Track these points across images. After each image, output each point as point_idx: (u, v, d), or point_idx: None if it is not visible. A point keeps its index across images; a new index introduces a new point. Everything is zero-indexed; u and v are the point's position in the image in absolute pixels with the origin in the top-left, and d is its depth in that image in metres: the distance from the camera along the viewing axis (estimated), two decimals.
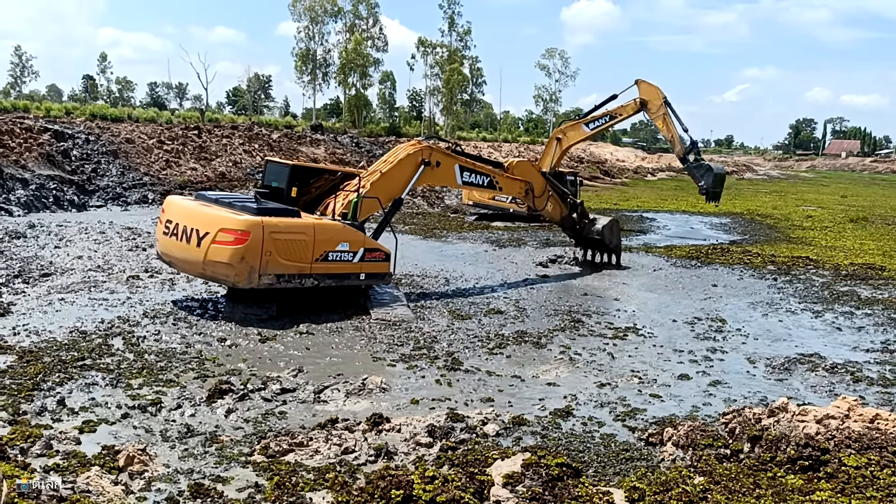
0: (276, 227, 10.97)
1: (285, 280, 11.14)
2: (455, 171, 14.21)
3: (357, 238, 11.82)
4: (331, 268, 11.54)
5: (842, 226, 29.57)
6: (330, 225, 11.72)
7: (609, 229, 17.88)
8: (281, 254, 10.99)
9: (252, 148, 36.26)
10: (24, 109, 44.32)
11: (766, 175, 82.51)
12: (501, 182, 15.28)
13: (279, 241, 10.96)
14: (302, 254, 11.18)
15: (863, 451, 6.11)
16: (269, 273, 10.97)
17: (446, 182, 14.79)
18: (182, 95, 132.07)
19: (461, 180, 14.39)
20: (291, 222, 11.27)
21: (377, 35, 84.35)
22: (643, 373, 9.63)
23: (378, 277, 12.30)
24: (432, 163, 13.59)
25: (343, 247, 11.61)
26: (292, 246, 11.10)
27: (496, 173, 15.09)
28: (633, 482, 6.07)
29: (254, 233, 10.72)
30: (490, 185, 15.03)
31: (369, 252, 11.92)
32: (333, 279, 11.65)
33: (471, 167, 14.50)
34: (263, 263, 10.84)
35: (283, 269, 11.06)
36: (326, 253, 11.43)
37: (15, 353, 8.76)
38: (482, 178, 14.72)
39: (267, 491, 5.79)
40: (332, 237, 11.53)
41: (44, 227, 17.70)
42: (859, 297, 14.99)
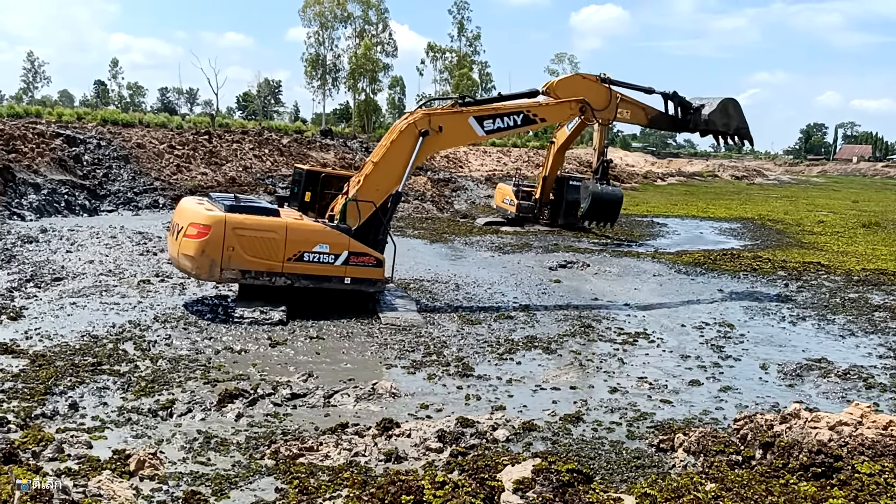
0: (240, 224, 11.23)
1: (251, 276, 11.37)
2: (471, 125, 12.81)
3: (340, 241, 11.69)
4: (307, 268, 11.57)
5: (853, 231, 29.39)
6: (306, 225, 11.80)
7: (722, 111, 15.60)
8: (246, 250, 11.23)
9: (262, 153, 36.39)
10: (37, 115, 44.64)
11: (776, 180, 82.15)
12: (541, 112, 13.46)
13: (244, 238, 11.21)
14: (271, 252, 11.34)
15: (876, 458, 6.05)
16: (233, 268, 11.24)
17: (463, 140, 13.76)
18: (192, 100, 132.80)
19: (483, 130, 12.91)
20: (258, 220, 11.43)
21: (387, 40, 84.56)
22: (653, 378, 9.59)
23: (369, 283, 11.92)
24: (433, 129, 12.42)
25: (321, 248, 11.58)
26: (259, 243, 11.30)
27: (530, 106, 13.29)
28: (644, 488, 6.03)
29: (215, 227, 11.07)
30: (526, 121, 13.25)
31: (355, 256, 11.72)
32: (310, 280, 11.65)
33: (491, 112, 12.98)
34: (225, 258, 11.14)
35: (248, 265, 11.28)
36: (301, 253, 11.49)
37: (27, 357, 8.81)
38: (512, 119, 13.05)
39: (291, 495, 5.80)
40: (308, 238, 11.57)
41: (55, 231, 17.81)
42: (871, 303, 14.89)
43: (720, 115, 15.26)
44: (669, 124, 15.44)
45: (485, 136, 13.22)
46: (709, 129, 15.40)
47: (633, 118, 14.72)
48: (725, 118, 15.38)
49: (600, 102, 13.97)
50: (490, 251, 20.55)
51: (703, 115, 15.23)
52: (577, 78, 14.39)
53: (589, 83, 14.04)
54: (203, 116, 68.86)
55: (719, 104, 15.32)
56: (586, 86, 13.97)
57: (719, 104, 15.32)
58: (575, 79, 14.27)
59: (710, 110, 15.19)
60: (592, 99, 13.83)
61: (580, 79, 14.19)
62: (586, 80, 14.15)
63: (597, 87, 14.05)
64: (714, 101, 15.40)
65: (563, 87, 13.75)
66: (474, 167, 49.77)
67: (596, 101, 13.96)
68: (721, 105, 15.32)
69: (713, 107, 15.24)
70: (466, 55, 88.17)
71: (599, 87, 14.04)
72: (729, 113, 15.40)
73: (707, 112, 15.24)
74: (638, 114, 14.89)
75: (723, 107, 15.35)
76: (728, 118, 15.41)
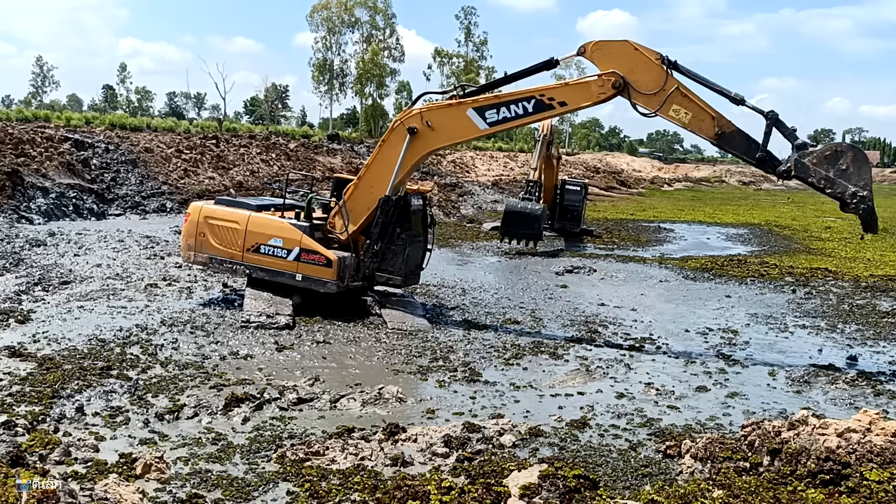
0: (211, 213, 12.25)
1: (217, 263, 12.19)
2: (470, 118, 11.05)
3: (292, 236, 11.71)
4: (262, 261, 11.86)
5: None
6: (264, 219, 12.09)
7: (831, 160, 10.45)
8: (214, 238, 12.09)
9: (269, 157, 36.48)
10: (45, 119, 44.85)
11: (784, 186, 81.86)
12: (560, 94, 10.86)
13: (213, 226, 12.10)
14: (233, 241, 11.97)
15: (885, 465, 6.02)
16: (204, 253, 12.27)
17: (461, 135, 11.60)
18: (200, 105, 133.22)
19: (486, 123, 11.05)
20: (227, 210, 12.23)
21: (394, 45, 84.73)
22: (660, 384, 9.56)
23: (319, 283, 11.60)
24: (421, 126, 11.20)
25: (275, 242, 11.77)
26: (224, 232, 12.04)
27: (544, 89, 10.92)
28: (651, 495, 6.01)
29: (192, 215, 12.43)
30: (540, 107, 10.86)
31: (306, 253, 11.60)
32: (266, 273, 11.91)
33: (493, 101, 11.03)
34: (198, 244, 12.24)
35: (215, 252, 12.12)
36: (258, 245, 11.85)
37: (35, 361, 8.83)
38: (521, 106, 10.86)
39: (302, 498, 5.81)
40: (265, 231, 11.88)
41: (63, 235, 17.87)
42: (880, 310, 14.81)
43: (826, 166, 10.38)
44: (748, 150, 10.70)
45: (488, 130, 11.26)
46: (807, 181, 10.71)
47: (694, 124, 10.57)
48: (835, 172, 10.38)
49: (648, 84, 10.45)
50: (496, 256, 20.54)
51: (803, 159, 10.46)
52: (628, 46, 10.65)
53: (640, 56, 10.55)
54: (211, 121, 69.10)
55: (829, 150, 10.53)
56: (634, 59, 10.54)
57: (829, 150, 10.53)
58: (624, 46, 10.66)
59: (815, 157, 10.41)
60: (639, 77, 10.48)
61: (630, 48, 10.60)
62: (638, 52, 10.57)
63: (649, 64, 10.52)
64: (828, 148, 10.64)
65: (604, 53, 10.59)
66: (481, 172, 49.77)
67: (643, 80, 10.49)
68: (831, 152, 10.47)
69: (821, 153, 10.45)
70: (473, 60, 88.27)
71: (654, 64, 10.49)
72: (843, 167, 10.37)
73: (811, 159, 10.43)
74: (704, 120, 10.61)
75: (833, 155, 10.42)
76: (840, 173, 10.38)
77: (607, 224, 30.74)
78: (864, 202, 10.45)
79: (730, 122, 10.71)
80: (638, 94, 10.61)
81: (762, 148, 10.69)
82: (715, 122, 10.66)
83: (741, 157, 11.25)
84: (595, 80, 10.67)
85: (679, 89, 10.56)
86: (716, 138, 10.72)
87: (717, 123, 10.66)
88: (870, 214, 10.61)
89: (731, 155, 11.63)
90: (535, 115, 11.19)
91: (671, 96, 10.53)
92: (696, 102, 10.65)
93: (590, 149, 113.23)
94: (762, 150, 10.68)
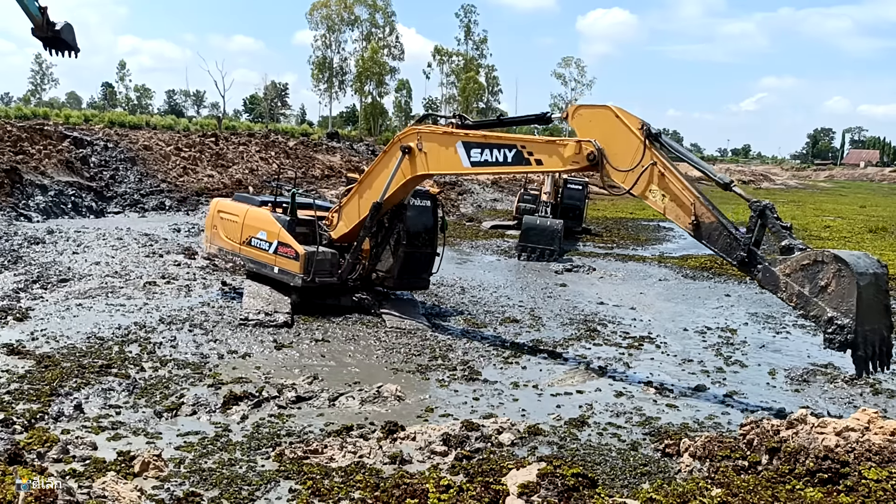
0: (223, 207, 13.09)
1: (224, 254, 13.00)
2: (457, 151, 10.20)
3: (273, 229, 11.96)
4: (253, 253, 12.24)
5: (860, 236, 29.27)
6: (257, 212, 12.43)
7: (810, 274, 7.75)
8: (223, 230, 12.86)
9: (268, 155, 36.46)
10: (44, 116, 44.83)
11: (783, 185, 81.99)
12: (537, 150, 9.64)
13: (224, 220, 12.87)
14: (235, 234, 12.51)
15: (884, 464, 6.01)
16: (215, 245, 13.14)
17: (446, 167, 10.66)
18: (199, 103, 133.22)
19: (469, 161, 10.15)
20: (233, 205, 12.99)
21: (393, 44, 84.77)
22: (659, 383, 9.56)
23: (290, 276, 11.65)
24: (415, 148, 10.61)
25: (262, 235, 12.12)
26: (230, 226, 12.72)
27: (527, 141, 9.84)
28: (649, 493, 6.01)
29: (210, 209, 13.52)
30: (519, 158, 9.77)
31: (282, 246, 11.81)
32: (255, 265, 12.27)
33: (480, 140, 10.07)
34: (212, 235, 13.20)
35: (223, 244, 12.86)
36: (250, 238, 12.27)
37: (33, 359, 8.83)
38: (502, 153, 9.84)
39: (303, 495, 5.80)
40: (255, 224, 12.27)
41: (62, 232, 17.87)
42: None
43: (801, 279, 7.81)
44: (727, 248, 8.48)
45: (470, 169, 10.39)
46: (777, 296, 8.23)
47: (670, 212, 8.75)
48: (812, 289, 7.70)
49: (625, 157, 8.85)
50: (496, 255, 20.54)
51: (773, 267, 8.11)
52: (608, 112, 9.05)
53: (619, 125, 8.91)
54: (210, 119, 69.07)
55: (807, 259, 7.79)
56: (613, 126, 8.96)
57: (807, 259, 7.79)
58: (604, 112, 9.10)
59: (789, 266, 7.94)
60: (616, 148, 8.94)
61: (611, 115, 8.99)
62: (618, 120, 8.92)
63: (628, 135, 8.84)
64: (806, 256, 7.81)
65: (584, 118, 9.26)
66: None
67: (620, 153, 8.90)
68: (810, 262, 7.75)
69: (797, 262, 7.87)
70: (473, 59, 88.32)
71: (633, 136, 8.78)
72: (822, 283, 7.63)
73: (783, 268, 8.00)
74: (681, 207, 8.67)
75: (811, 266, 7.73)
76: (819, 291, 7.64)
77: (607, 223, 30.76)
78: (841, 333, 7.38)
79: (709, 209, 8.48)
80: (614, 169, 8.98)
81: (745, 246, 8.28)
82: (695, 213, 8.50)
83: (721, 255, 8.66)
84: (572, 146, 9.25)
85: (657, 166, 8.68)
86: (692, 229, 8.59)
87: (697, 213, 8.50)
88: (854, 350, 7.38)
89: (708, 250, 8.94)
90: (513, 167, 10.23)
91: (648, 174, 8.73)
92: (676, 184, 8.65)
93: None
94: (744, 249, 8.28)
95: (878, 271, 7.63)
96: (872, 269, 7.60)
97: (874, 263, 7.72)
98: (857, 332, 7.39)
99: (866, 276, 7.44)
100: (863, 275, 7.42)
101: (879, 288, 7.62)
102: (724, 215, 8.50)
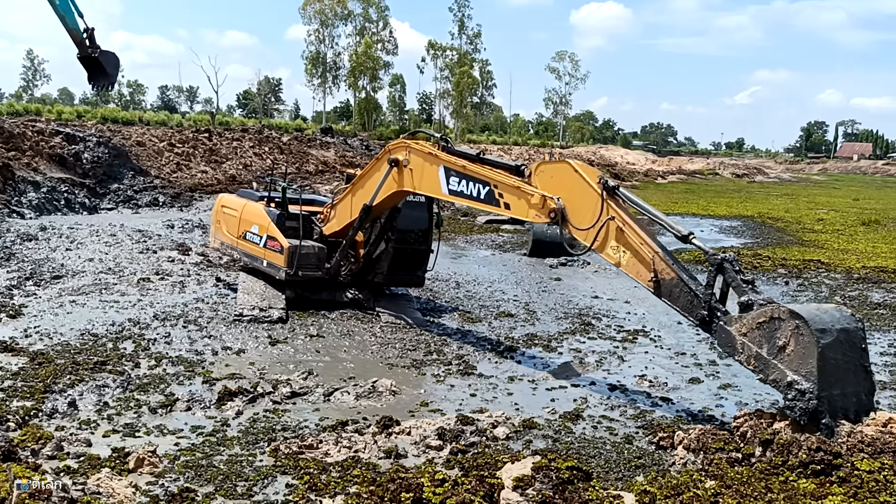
0: (225, 202, 13.42)
1: (225, 248, 13.35)
2: (439, 175, 10.02)
3: (263, 223, 12.11)
4: (247, 247, 12.40)
5: (854, 229, 29.38)
6: (252, 206, 12.61)
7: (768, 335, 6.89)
8: (224, 225, 13.15)
9: (262, 151, 36.40)
10: (36, 113, 44.63)
11: (777, 178, 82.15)
12: (507, 194, 9.27)
13: (226, 215, 13.13)
14: (233, 228, 12.75)
15: (876, 455, 6.05)
16: (219, 240, 13.46)
17: (427, 189, 10.44)
18: (193, 99, 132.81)
19: (447, 189, 9.96)
20: (233, 199, 13.31)
21: (387, 38, 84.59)
22: (653, 376, 9.58)
23: (276, 269, 11.71)
24: (401, 163, 10.52)
25: (254, 229, 12.29)
26: (230, 220, 12.96)
27: (500, 181, 9.33)
28: (643, 486, 6.03)
29: (216, 204, 13.80)
30: (490, 198, 9.45)
31: (270, 240, 11.90)
32: (249, 259, 12.43)
33: (459, 170, 9.74)
34: (215, 230, 13.58)
35: (225, 238, 13.12)
36: (245, 232, 12.47)
37: (27, 356, 8.81)
38: (476, 188, 9.58)
39: (299, 490, 5.82)
40: (249, 218, 12.46)
41: (55, 229, 17.81)
42: (872, 301, 14.88)
43: (759, 339, 6.99)
44: (688, 306, 7.74)
45: (447, 196, 10.14)
46: (734, 358, 7.41)
47: (630, 268, 8.32)
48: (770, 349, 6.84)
49: (584, 216, 8.45)
50: (490, 249, 20.56)
51: (729, 326, 7.42)
52: (567, 168, 8.76)
53: (578, 180, 8.52)
54: (203, 114, 68.88)
55: (763, 317, 7.03)
56: (572, 182, 8.60)
57: (763, 317, 7.03)
58: (563, 168, 8.82)
59: (746, 325, 7.21)
60: (577, 204, 8.54)
61: (569, 170, 8.68)
62: (576, 175, 8.55)
63: (587, 190, 8.43)
64: (762, 314, 7.06)
65: (546, 175, 8.94)
66: None
67: (581, 208, 8.49)
68: (766, 320, 6.97)
69: (753, 320, 7.15)
70: (467, 53, 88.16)
71: (592, 191, 8.36)
72: (780, 343, 6.72)
73: (739, 327, 7.28)
74: (641, 263, 8.17)
75: (769, 323, 6.93)
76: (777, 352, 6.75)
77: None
78: (802, 399, 6.46)
79: (669, 265, 7.89)
80: (575, 228, 8.57)
81: (705, 303, 7.56)
82: (655, 269, 7.96)
83: (683, 315, 7.91)
84: (538, 197, 8.87)
85: (615, 220, 8.26)
86: (652, 287, 8.00)
87: (657, 270, 7.96)
88: (817, 419, 6.41)
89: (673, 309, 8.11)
90: (484, 205, 9.73)
91: (606, 230, 8.31)
92: (633, 238, 8.24)
93: (584, 142, 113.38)
94: (704, 307, 7.55)
95: (847, 326, 6.63)
96: (840, 324, 6.60)
97: (843, 318, 6.72)
98: (820, 399, 6.38)
99: (830, 334, 6.46)
100: (825, 332, 6.44)
101: (851, 346, 6.61)
102: (685, 270, 7.92)
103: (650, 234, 8.22)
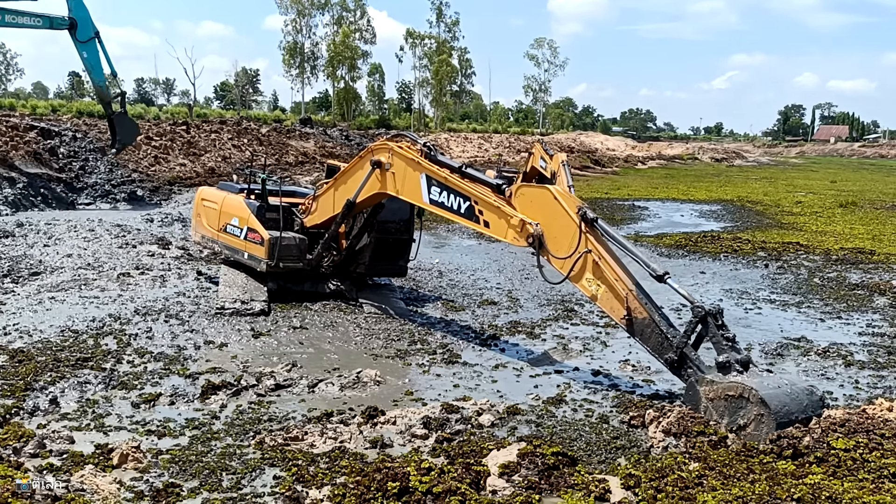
0: (205, 195, 13.39)
1: (206, 241, 13.22)
2: (420, 182, 9.76)
3: (243, 215, 12.08)
4: (228, 239, 12.39)
5: (831, 211, 29.72)
6: (232, 198, 12.57)
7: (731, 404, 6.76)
8: (205, 218, 13.09)
9: (241, 143, 36.12)
10: (10, 107, 43.97)
11: (755, 162, 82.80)
12: (487, 212, 9.07)
13: (206, 208, 13.09)
14: (214, 221, 12.70)
15: (850, 434, 6.17)
16: (199, 233, 13.40)
17: (408, 195, 10.11)
18: (169, 91, 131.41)
19: (428, 198, 9.70)
20: (213, 192, 13.28)
21: (365, 27, 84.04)
22: (636, 360, 9.66)
23: (257, 261, 11.70)
24: (383, 165, 10.28)
25: (234, 221, 12.26)
26: (210, 213, 12.89)
27: (481, 198, 9.06)
28: (628, 469, 6.11)
29: (196, 197, 13.81)
30: (470, 213, 9.23)
31: (251, 232, 11.89)
32: (230, 251, 12.40)
33: (441, 180, 9.47)
34: (196, 223, 13.54)
35: (206, 231, 13.06)
36: (226, 225, 12.42)
37: (6, 353, 8.72)
38: (457, 201, 9.34)
39: (287, 481, 5.83)
40: (229, 210, 12.42)
41: (32, 225, 17.60)
42: (850, 282, 15.08)
43: (722, 409, 6.82)
44: (658, 347, 7.72)
45: (427, 205, 9.86)
46: None
47: (604, 303, 8.17)
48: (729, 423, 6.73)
49: (562, 244, 8.40)
50: (473, 238, 20.57)
51: (698, 386, 7.17)
52: (547, 194, 8.59)
53: (557, 208, 8.43)
54: (180, 107, 68.17)
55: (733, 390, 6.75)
56: (552, 209, 8.49)
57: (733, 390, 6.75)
58: (543, 194, 8.65)
59: (714, 391, 6.92)
60: (555, 233, 8.46)
61: (549, 197, 8.54)
62: (556, 203, 8.46)
63: (566, 220, 8.36)
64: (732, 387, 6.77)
65: (526, 198, 8.76)
66: (455, 153, 49.71)
67: (559, 237, 8.43)
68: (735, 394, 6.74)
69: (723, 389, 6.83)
70: (445, 41, 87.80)
71: (570, 220, 8.31)
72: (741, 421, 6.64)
73: (708, 391, 7.00)
74: (616, 298, 8.01)
75: (736, 399, 6.73)
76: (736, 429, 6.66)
77: None
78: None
79: (642, 304, 7.79)
80: (553, 257, 8.55)
81: (677, 349, 7.43)
82: (628, 306, 7.84)
83: (653, 356, 7.93)
84: (517, 219, 8.71)
85: (592, 254, 8.15)
86: (625, 324, 7.93)
87: (630, 307, 7.83)
88: None
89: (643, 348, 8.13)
90: (463, 220, 9.46)
91: (583, 261, 8.22)
92: (608, 272, 8.06)
93: (564, 128, 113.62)
94: (675, 352, 7.43)
95: (811, 415, 6.64)
96: (805, 413, 6.61)
97: (811, 405, 6.71)
98: None
99: (790, 423, 6.47)
100: (787, 424, 6.44)
101: (808, 417, 6.64)
102: (658, 310, 7.85)
103: (625, 270, 8.08)
